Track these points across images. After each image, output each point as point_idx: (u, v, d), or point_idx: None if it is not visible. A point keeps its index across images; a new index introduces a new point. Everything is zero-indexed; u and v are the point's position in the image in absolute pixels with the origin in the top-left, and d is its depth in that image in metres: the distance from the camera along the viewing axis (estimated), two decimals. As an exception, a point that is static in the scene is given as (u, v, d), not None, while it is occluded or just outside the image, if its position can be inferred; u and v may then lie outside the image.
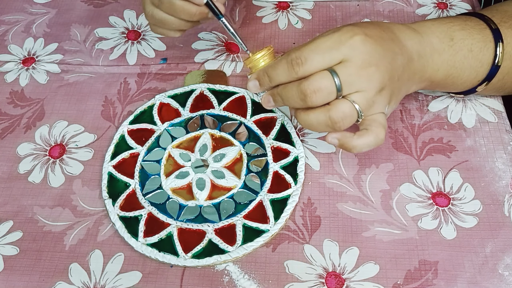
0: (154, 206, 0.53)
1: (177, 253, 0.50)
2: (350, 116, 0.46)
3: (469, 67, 0.52)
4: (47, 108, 0.62)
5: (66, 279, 0.49)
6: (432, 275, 0.47)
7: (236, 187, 0.54)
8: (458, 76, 0.52)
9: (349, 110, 0.46)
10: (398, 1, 0.70)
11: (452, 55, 0.51)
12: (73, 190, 0.55)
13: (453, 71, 0.52)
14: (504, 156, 0.54)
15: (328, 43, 0.45)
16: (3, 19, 0.72)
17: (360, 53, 0.45)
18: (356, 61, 0.45)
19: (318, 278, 0.48)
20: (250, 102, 0.60)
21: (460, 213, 0.51)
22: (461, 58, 0.51)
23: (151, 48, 0.67)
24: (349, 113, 0.46)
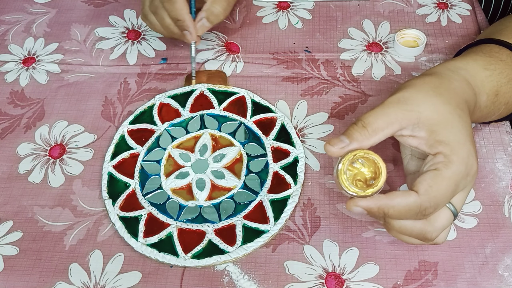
0: (154, 206, 0.53)
1: (177, 253, 0.50)
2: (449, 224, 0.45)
3: (497, 115, 0.52)
4: (47, 108, 0.62)
5: (66, 279, 0.49)
6: (432, 276, 0.47)
7: (236, 187, 0.54)
8: (482, 121, 0.54)
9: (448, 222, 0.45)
10: (398, 1, 0.70)
11: (489, 110, 0.50)
12: (73, 190, 0.55)
13: (481, 120, 0.53)
14: (504, 157, 0.54)
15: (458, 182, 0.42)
16: (3, 18, 0.72)
17: (472, 177, 0.44)
18: (469, 190, 0.45)
19: (318, 279, 0.48)
20: (250, 103, 0.60)
21: (460, 214, 0.51)
22: (495, 111, 0.51)
23: (151, 48, 0.67)
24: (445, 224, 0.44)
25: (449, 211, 0.44)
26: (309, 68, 0.63)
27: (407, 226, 0.43)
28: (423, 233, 0.43)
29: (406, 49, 0.63)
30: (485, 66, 0.49)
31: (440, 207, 0.42)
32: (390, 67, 0.63)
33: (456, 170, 0.42)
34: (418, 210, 0.41)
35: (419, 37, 0.64)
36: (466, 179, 0.43)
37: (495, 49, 0.51)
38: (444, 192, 0.42)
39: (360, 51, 0.64)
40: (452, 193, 0.42)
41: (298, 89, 0.61)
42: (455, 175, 0.42)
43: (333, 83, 0.62)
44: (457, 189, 0.42)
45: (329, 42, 0.66)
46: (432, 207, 0.42)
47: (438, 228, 0.43)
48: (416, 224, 0.43)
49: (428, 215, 0.42)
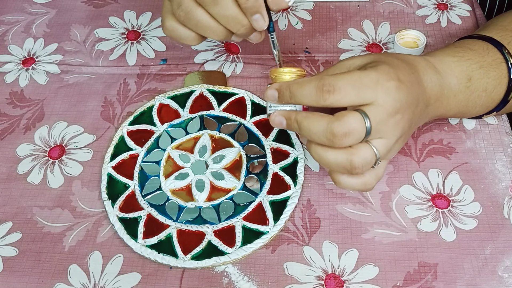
0: (154, 208, 0.53)
1: (176, 254, 0.50)
2: (370, 163, 0.44)
3: (481, 105, 0.52)
4: (47, 109, 0.62)
5: (65, 280, 0.49)
6: (432, 277, 0.47)
7: (235, 188, 0.54)
8: (468, 112, 0.53)
9: (370, 157, 0.44)
10: (398, 2, 0.70)
11: (467, 96, 0.51)
12: (72, 191, 0.55)
13: (464, 109, 0.52)
14: (504, 158, 0.54)
15: (365, 80, 0.43)
16: (3, 19, 0.72)
17: (393, 99, 0.43)
18: (387, 108, 0.43)
19: (318, 280, 0.48)
20: (250, 103, 0.60)
21: (459, 215, 0.51)
22: (475, 98, 0.51)
23: (151, 49, 0.67)
24: (370, 160, 0.44)
25: (358, 113, 0.42)
26: (309, 68, 0.63)
27: (315, 123, 0.43)
28: (329, 127, 0.42)
29: (406, 50, 0.63)
30: (452, 54, 0.51)
31: (340, 91, 0.42)
32: (390, 68, 0.63)
33: (365, 71, 0.43)
34: (316, 84, 0.43)
35: (419, 38, 0.64)
36: (376, 85, 0.43)
37: (468, 41, 0.53)
38: (345, 76, 0.43)
39: (360, 52, 0.64)
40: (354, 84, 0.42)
41: (297, 90, 0.61)
42: (362, 73, 0.43)
43: (332, 84, 0.62)
44: (361, 87, 0.42)
45: (329, 43, 0.66)
46: (330, 84, 0.42)
47: (344, 122, 0.42)
48: (323, 119, 0.43)
49: (326, 92, 0.42)
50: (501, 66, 0.51)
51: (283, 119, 0.47)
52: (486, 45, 0.52)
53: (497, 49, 0.51)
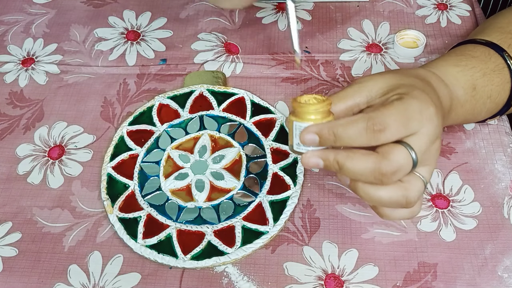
0: (153, 208, 0.53)
1: (176, 254, 0.50)
2: (422, 193, 0.44)
3: (486, 111, 0.52)
4: (47, 109, 0.62)
5: (65, 280, 0.49)
6: (431, 277, 0.47)
7: (235, 188, 0.53)
8: (473, 119, 0.54)
9: (422, 188, 0.43)
10: (398, 2, 0.70)
11: (473, 105, 0.51)
12: (72, 191, 0.55)
13: (470, 117, 0.52)
14: (504, 158, 0.54)
15: (410, 112, 0.41)
16: (2, 19, 0.72)
17: (434, 127, 0.42)
18: (429, 136, 0.42)
19: (317, 280, 0.48)
20: (250, 104, 0.60)
21: (459, 215, 0.51)
22: (480, 106, 0.51)
23: (150, 49, 0.67)
24: (422, 190, 0.44)
25: (405, 148, 0.41)
26: (309, 69, 0.63)
27: (361, 164, 0.41)
28: (377, 167, 0.41)
29: (405, 50, 0.63)
30: (455, 63, 0.51)
31: (390, 128, 0.40)
32: (389, 68, 0.63)
33: (406, 101, 0.42)
34: (365, 124, 0.41)
35: (419, 38, 0.64)
36: (421, 115, 0.41)
37: (469, 47, 0.53)
38: (392, 112, 0.41)
39: (359, 52, 0.64)
40: (402, 120, 0.41)
41: (297, 90, 0.61)
42: (405, 104, 0.41)
43: (332, 84, 0.62)
44: (408, 121, 0.41)
45: (329, 43, 0.66)
46: (379, 123, 0.40)
47: (392, 161, 0.41)
48: (369, 159, 0.41)
49: (377, 132, 0.40)
50: (503, 71, 0.51)
51: (320, 160, 0.43)
52: (487, 50, 0.52)
53: (498, 54, 0.51)
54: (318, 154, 0.43)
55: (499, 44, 0.52)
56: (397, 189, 0.42)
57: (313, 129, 0.42)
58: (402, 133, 0.41)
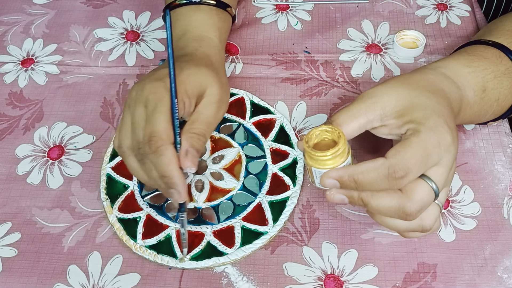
0: (153, 208, 0.53)
1: (175, 255, 0.50)
2: (437, 217, 0.44)
3: (491, 113, 0.52)
4: (46, 109, 0.62)
5: (65, 281, 0.49)
6: (431, 278, 0.47)
7: (235, 189, 0.53)
8: (478, 120, 0.53)
9: (437, 213, 0.44)
10: (398, 2, 0.70)
11: (480, 107, 0.51)
12: (71, 191, 0.55)
13: (475, 118, 0.52)
14: (503, 158, 0.54)
15: (429, 150, 0.41)
16: (2, 19, 0.72)
17: (452, 155, 0.43)
18: (449, 165, 0.43)
19: (317, 281, 0.48)
20: (249, 104, 0.60)
21: (459, 216, 0.51)
22: (487, 108, 0.51)
23: (150, 49, 0.67)
24: (437, 215, 0.44)
25: (427, 184, 0.42)
26: (308, 69, 0.63)
27: (385, 203, 0.42)
28: (402, 207, 0.42)
29: (405, 50, 0.63)
30: (467, 64, 0.50)
31: (411, 172, 0.41)
32: (389, 68, 0.63)
33: (423, 137, 0.42)
34: (386, 172, 0.41)
35: (418, 38, 0.64)
36: (439, 148, 0.42)
37: (480, 48, 0.52)
38: (412, 155, 0.41)
39: (359, 52, 0.64)
40: (422, 159, 0.41)
41: (297, 90, 0.61)
42: (423, 141, 0.41)
43: (332, 84, 0.62)
44: (429, 158, 0.41)
45: (329, 43, 0.66)
46: (401, 169, 0.41)
47: (416, 201, 0.42)
48: (393, 199, 0.42)
49: (399, 179, 0.41)
50: None
51: (345, 197, 0.44)
52: (498, 53, 0.51)
53: (508, 57, 0.51)
54: (343, 192, 0.43)
55: (508, 47, 0.51)
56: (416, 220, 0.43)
57: (333, 175, 0.42)
58: (423, 171, 0.42)
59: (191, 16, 0.57)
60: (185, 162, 0.46)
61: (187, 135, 0.47)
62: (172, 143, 0.46)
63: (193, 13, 0.58)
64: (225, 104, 0.53)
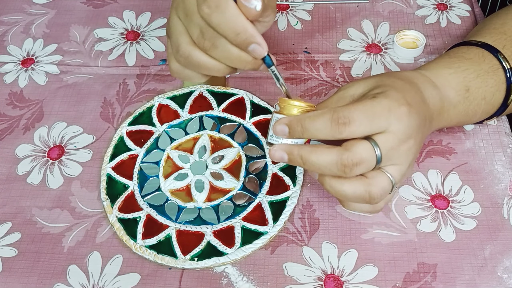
0: (153, 208, 0.53)
1: (175, 255, 0.50)
2: (387, 191, 0.44)
3: (481, 112, 0.52)
4: (46, 109, 0.62)
5: (65, 281, 0.49)
6: (431, 278, 0.47)
7: (235, 189, 0.53)
8: (469, 121, 0.54)
9: (387, 186, 0.44)
10: (398, 2, 0.70)
11: (466, 106, 0.51)
12: (71, 191, 0.55)
13: (465, 118, 0.52)
14: (503, 158, 0.54)
15: (377, 109, 0.42)
16: (2, 19, 0.72)
17: (404, 126, 0.43)
18: (398, 135, 0.43)
19: (317, 281, 0.48)
20: (249, 104, 0.60)
21: (459, 216, 0.51)
22: (474, 107, 0.51)
23: (150, 49, 0.67)
24: (387, 189, 0.44)
25: (369, 143, 0.42)
26: (308, 69, 0.63)
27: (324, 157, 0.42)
28: (339, 158, 0.42)
29: (405, 50, 0.63)
30: (447, 66, 0.51)
31: (355, 122, 0.41)
32: (389, 68, 0.63)
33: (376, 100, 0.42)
34: (331, 116, 0.42)
35: (418, 38, 0.64)
36: (389, 113, 0.42)
37: (462, 49, 0.53)
38: (358, 108, 0.42)
39: (359, 52, 0.64)
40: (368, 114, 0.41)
41: (297, 90, 0.61)
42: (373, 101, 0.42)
43: (332, 84, 0.62)
44: (375, 116, 0.42)
45: (328, 43, 0.66)
46: (345, 116, 0.41)
47: (355, 153, 0.41)
48: (332, 152, 0.42)
49: (342, 125, 0.41)
50: (498, 72, 0.51)
51: (284, 153, 0.45)
52: (481, 52, 0.52)
53: (492, 55, 0.51)
54: (284, 148, 0.45)
55: (494, 45, 0.52)
56: (361, 184, 0.43)
57: (284, 120, 0.44)
58: (368, 129, 0.42)
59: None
60: None
61: None
62: None
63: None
64: None
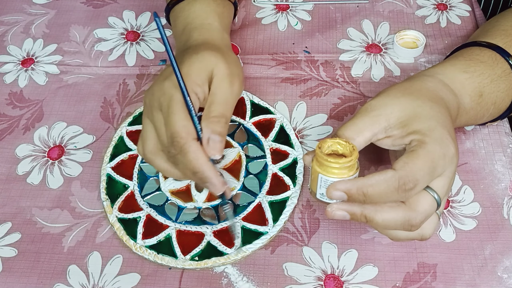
0: (153, 208, 0.53)
1: (175, 255, 0.50)
2: (436, 224, 0.45)
3: (488, 116, 0.52)
4: (46, 109, 0.62)
5: (65, 281, 0.49)
6: (431, 278, 0.47)
7: (235, 189, 0.53)
8: (475, 123, 0.54)
9: (437, 221, 0.45)
10: (398, 2, 0.70)
11: (477, 111, 0.51)
12: (71, 191, 0.55)
13: (472, 122, 0.53)
14: (504, 158, 0.54)
15: (436, 162, 0.42)
16: (2, 19, 0.72)
17: (455, 165, 0.43)
18: (452, 175, 0.43)
19: (317, 281, 0.48)
20: (249, 104, 0.60)
21: (459, 216, 0.51)
22: (483, 111, 0.51)
23: (150, 49, 0.67)
24: (437, 224, 0.45)
25: (431, 196, 0.42)
26: (308, 69, 0.63)
27: (390, 217, 0.42)
28: (407, 219, 0.42)
29: (405, 50, 0.63)
30: (463, 69, 0.50)
31: (420, 183, 0.41)
32: (389, 68, 0.63)
33: (430, 148, 0.42)
34: (397, 184, 0.40)
35: (418, 38, 0.64)
36: (444, 160, 0.42)
37: (476, 51, 0.52)
38: (420, 167, 0.41)
39: (359, 52, 0.64)
40: (430, 171, 0.41)
41: (297, 90, 0.61)
42: (430, 153, 0.42)
43: (332, 84, 0.62)
44: (435, 169, 0.42)
45: (329, 43, 0.66)
46: (411, 181, 0.41)
47: (421, 213, 0.42)
48: (398, 213, 0.42)
49: (409, 190, 0.41)
50: (509, 77, 0.51)
51: (346, 214, 0.43)
52: (494, 55, 0.51)
53: (504, 59, 0.51)
54: (345, 208, 0.42)
55: (504, 47, 0.51)
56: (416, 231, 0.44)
57: (341, 187, 0.41)
58: (429, 183, 0.42)
59: (190, 9, 0.57)
60: (208, 150, 0.46)
61: (206, 122, 0.47)
62: (195, 138, 0.46)
63: (190, 5, 0.57)
64: (237, 77, 0.51)
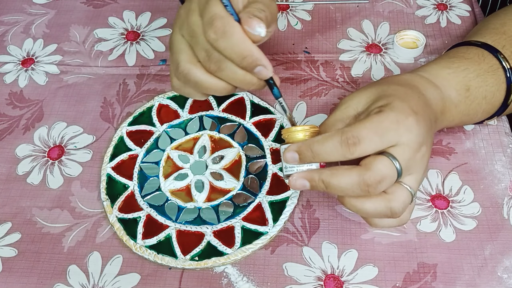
0: (153, 208, 0.53)
1: (175, 255, 0.50)
2: (408, 203, 0.44)
3: (482, 111, 0.52)
4: (46, 109, 0.62)
5: (65, 281, 0.49)
6: (431, 278, 0.47)
7: (235, 189, 0.53)
8: (471, 120, 0.53)
9: (407, 198, 0.43)
10: (398, 2, 0.70)
11: (467, 106, 0.51)
12: (71, 191, 0.55)
13: (466, 118, 0.52)
14: (504, 158, 0.54)
15: (386, 124, 0.42)
16: (2, 19, 0.72)
17: (415, 135, 0.42)
18: (411, 145, 0.42)
19: (317, 281, 0.48)
20: (249, 104, 0.60)
21: (459, 216, 0.51)
22: (475, 106, 0.51)
23: (150, 49, 0.67)
24: (407, 201, 0.44)
25: (385, 156, 0.41)
26: (308, 69, 0.63)
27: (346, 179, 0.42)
28: (361, 179, 0.41)
29: (405, 50, 0.63)
30: (447, 66, 0.51)
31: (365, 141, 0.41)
32: (389, 68, 0.63)
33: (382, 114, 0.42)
34: (340, 138, 0.41)
35: (418, 38, 0.64)
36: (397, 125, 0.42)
37: (462, 50, 0.53)
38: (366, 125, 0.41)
39: (359, 52, 0.64)
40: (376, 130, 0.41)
41: (297, 91, 0.61)
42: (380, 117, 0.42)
43: (332, 84, 0.62)
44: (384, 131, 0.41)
45: (328, 43, 0.66)
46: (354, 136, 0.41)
47: (375, 170, 0.41)
48: (352, 173, 0.42)
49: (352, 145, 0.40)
50: (498, 72, 0.51)
51: (306, 181, 0.44)
52: (481, 51, 0.52)
53: (492, 55, 0.51)
54: (304, 176, 0.44)
55: (493, 45, 0.52)
56: (381, 200, 0.43)
57: (292, 147, 0.44)
58: (379, 145, 0.41)
59: None
60: (252, 23, 0.41)
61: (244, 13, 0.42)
62: None
63: None
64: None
